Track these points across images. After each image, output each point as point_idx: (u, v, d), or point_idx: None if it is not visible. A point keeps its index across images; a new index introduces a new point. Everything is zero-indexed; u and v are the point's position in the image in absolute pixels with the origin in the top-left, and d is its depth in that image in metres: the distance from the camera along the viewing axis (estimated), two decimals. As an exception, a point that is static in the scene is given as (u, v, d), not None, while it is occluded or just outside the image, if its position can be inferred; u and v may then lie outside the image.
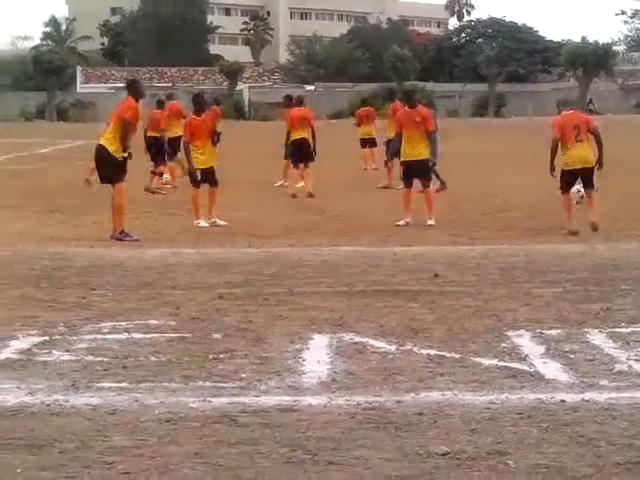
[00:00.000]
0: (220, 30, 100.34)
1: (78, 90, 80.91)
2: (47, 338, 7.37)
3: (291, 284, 9.55)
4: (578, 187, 14.05)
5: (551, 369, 6.43)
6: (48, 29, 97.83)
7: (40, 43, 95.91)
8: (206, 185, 14.67)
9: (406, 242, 12.57)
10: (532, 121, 53.91)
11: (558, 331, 7.49)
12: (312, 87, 78.59)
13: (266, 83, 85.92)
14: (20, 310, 8.38)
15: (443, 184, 18.28)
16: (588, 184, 13.59)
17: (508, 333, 7.43)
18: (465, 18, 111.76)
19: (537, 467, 4.73)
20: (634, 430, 5.23)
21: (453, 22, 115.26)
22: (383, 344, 7.09)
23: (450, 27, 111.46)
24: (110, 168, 12.95)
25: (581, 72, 75.37)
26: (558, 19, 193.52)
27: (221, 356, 6.79)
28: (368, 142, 24.81)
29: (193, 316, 8.11)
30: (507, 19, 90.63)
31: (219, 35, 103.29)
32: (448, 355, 6.76)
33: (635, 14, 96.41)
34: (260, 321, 7.92)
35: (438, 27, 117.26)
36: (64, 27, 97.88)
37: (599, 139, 13.48)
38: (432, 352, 6.83)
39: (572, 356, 6.76)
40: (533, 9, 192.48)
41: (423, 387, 6.02)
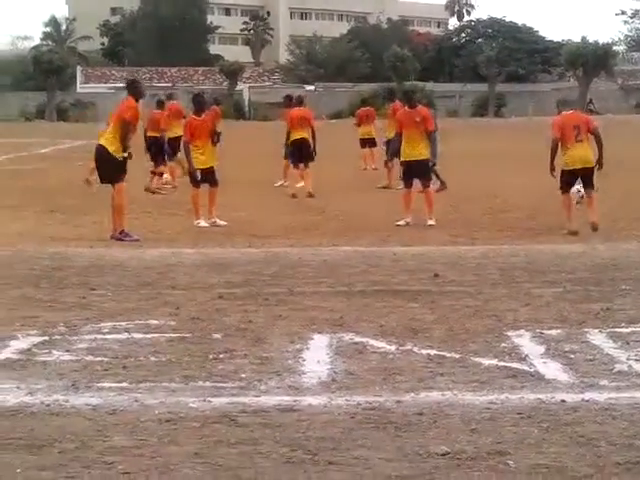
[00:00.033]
0: (220, 30, 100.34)
1: (78, 90, 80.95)
2: (47, 338, 7.37)
3: (291, 284, 9.55)
4: (578, 187, 14.06)
5: (551, 369, 6.43)
6: (48, 29, 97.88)
7: (40, 43, 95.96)
8: (206, 185, 14.68)
9: (406, 242, 12.57)
10: (532, 121, 53.91)
11: (558, 331, 7.49)
12: (312, 87, 78.58)
13: (266, 83, 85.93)
14: (20, 310, 8.38)
15: (443, 184, 18.28)
16: (588, 184, 13.60)
17: (508, 333, 7.43)
18: (465, 18, 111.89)
19: (537, 467, 4.73)
20: (634, 430, 5.23)
21: (453, 22, 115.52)
22: (383, 344, 7.09)
23: (450, 27, 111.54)
24: (110, 168, 12.96)
25: (581, 72, 75.39)
26: (558, 19, 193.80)
27: (221, 356, 6.79)
28: (368, 142, 24.81)
29: (193, 316, 8.11)
30: (507, 19, 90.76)
31: (219, 35, 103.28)
32: (448, 355, 6.76)
33: (635, 14, 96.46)
34: (260, 321, 7.92)
35: (438, 27, 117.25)
36: (64, 27, 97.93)
37: (599, 139, 13.49)
38: (432, 352, 6.83)
39: (572, 356, 6.76)
40: (533, 9, 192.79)
41: (423, 387, 6.02)
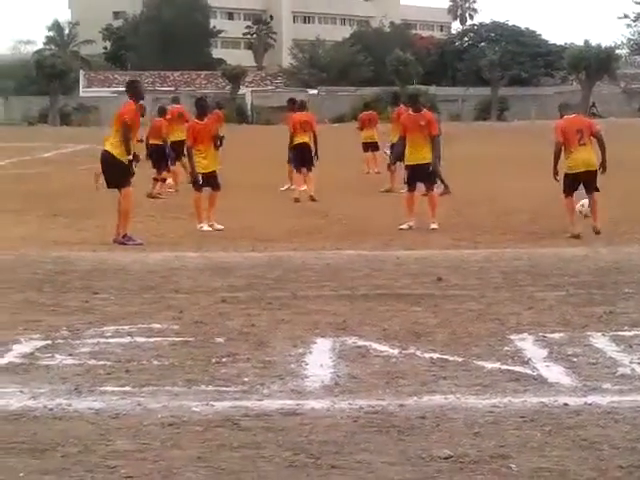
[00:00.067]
0: (223, 34, 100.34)
1: (81, 94, 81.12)
2: (50, 342, 7.37)
3: (294, 288, 9.55)
4: (583, 202, 13.87)
5: (554, 372, 6.43)
6: (51, 33, 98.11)
7: (43, 47, 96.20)
8: (208, 189, 14.67)
9: (409, 246, 12.56)
10: (535, 125, 53.90)
11: (561, 334, 7.49)
12: (315, 91, 78.63)
13: (269, 87, 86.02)
14: (23, 314, 8.38)
15: (447, 188, 18.27)
16: (591, 187, 13.57)
17: (511, 337, 7.43)
18: (468, 22, 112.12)
19: (540, 470, 4.73)
20: (637, 433, 5.23)
21: (456, 26, 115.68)
22: (386, 348, 7.09)
23: (453, 31, 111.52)
24: (116, 172, 12.95)
25: (584, 75, 75.43)
26: (561, 23, 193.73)
27: (224, 360, 6.79)
28: (370, 146, 24.81)
29: (196, 320, 8.11)
30: (510, 23, 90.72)
31: (222, 39, 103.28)
32: (451, 359, 6.76)
33: (638, 17, 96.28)
34: (263, 325, 7.92)
35: (441, 31, 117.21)
36: (67, 31, 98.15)
37: (602, 142, 13.47)
38: (435, 356, 6.83)
39: (575, 359, 6.76)
40: (536, 13, 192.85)
41: (426, 391, 6.02)
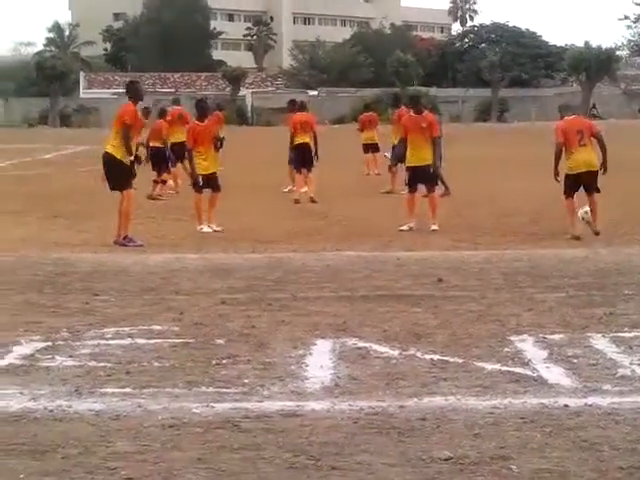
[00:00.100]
0: (223, 35, 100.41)
1: (81, 96, 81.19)
2: (50, 344, 7.37)
3: (294, 289, 9.55)
4: (587, 209, 13.73)
5: (554, 374, 6.43)
6: (51, 35, 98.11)
7: (43, 49, 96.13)
8: (209, 190, 14.67)
9: (409, 247, 12.57)
10: (535, 126, 53.93)
11: (561, 336, 7.49)
12: (315, 92, 78.68)
13: (269, 88, 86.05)
14: (23, 316, 8.38)
15: (447, 190, 18.27)
16: (591, 188, 13.56)
17: (511, 338, 7.42)
18: (468, 23, 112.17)
19: (540, 472, 4.74)
20: (637, 435, 5.23)
21: (456, 27, 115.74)
22: (386, 349, 7.09)
23: (453, 32, 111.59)
24: (119, 174, 12.93)
25: (584, 77, 75.47)
26: (561, 24, 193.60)
27: (224, 361, 6.79)
28: (371, 147, 24.80)
29: (196, 321, 8.11)
30: (510, 24, 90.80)
31: (222, 40, 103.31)
32: (451, 360, 6.76)
33: (638, 19, 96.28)
34: (263, 326, 7.92)
35: (441, 32, 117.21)
36: (67, 33, 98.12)
37: (602, 143, 13.48)
38: (435, 357, 6.83)
39: (575, 361, 6.76)
40: (536, 14, 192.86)
41: (426, 392, 6.02)
